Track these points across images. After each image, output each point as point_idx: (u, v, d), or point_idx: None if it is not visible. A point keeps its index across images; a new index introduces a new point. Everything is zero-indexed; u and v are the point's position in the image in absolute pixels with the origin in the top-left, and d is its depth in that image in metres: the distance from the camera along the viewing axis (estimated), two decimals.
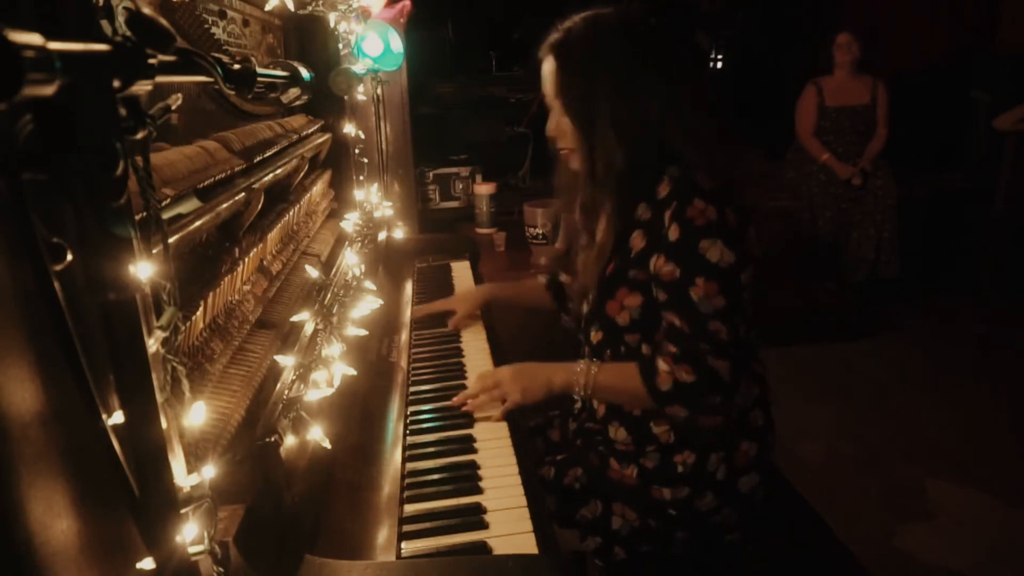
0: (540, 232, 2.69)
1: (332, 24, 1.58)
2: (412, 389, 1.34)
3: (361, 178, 1.74)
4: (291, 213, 1.26)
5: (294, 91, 1.18)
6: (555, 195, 1.41)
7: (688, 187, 1.12)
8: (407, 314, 1.69)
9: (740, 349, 1.11)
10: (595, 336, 1.28)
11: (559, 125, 1.23)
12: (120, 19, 0.49)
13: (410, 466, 1.09)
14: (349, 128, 1.67)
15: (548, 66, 1.21)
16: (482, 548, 0.91)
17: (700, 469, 1.20)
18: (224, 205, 0.86)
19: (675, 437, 1.20)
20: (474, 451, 1.14)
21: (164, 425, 0.51)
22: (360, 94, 1.73)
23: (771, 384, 1.30)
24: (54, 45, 0.35)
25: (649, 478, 1.21)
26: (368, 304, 1.42)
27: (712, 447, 1.20)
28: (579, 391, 1.23)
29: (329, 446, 0.96)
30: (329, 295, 1.24)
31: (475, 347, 1.54)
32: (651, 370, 1.14)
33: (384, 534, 0.91)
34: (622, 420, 1.25)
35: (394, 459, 1.08)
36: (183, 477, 0.55)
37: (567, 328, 1.48)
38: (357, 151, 1.73)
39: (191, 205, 0.76)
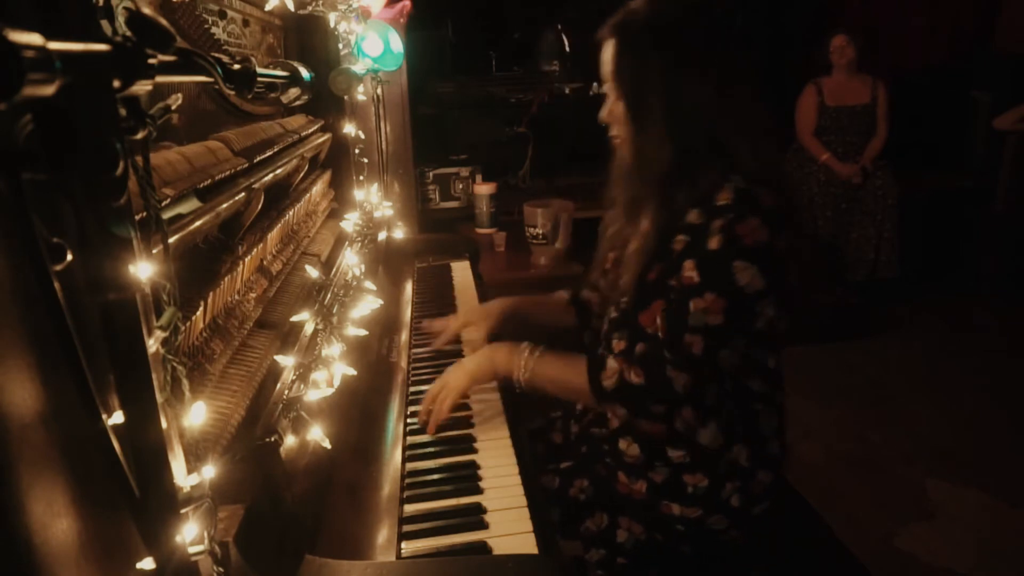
0: (540, 232, 2.69)
1: (332, 24, 1.58)
2: (412, 389, 1.34)
3: (361, 178, 1.74)
4: (291, 213, 1.26)
5: (294, 91, 1.18)
6: (609, 190, 1.35)
7: (750, 202, 1.06)
8: (407, 314, 1.69)
9: (713, 367, 1.07)
10: (617, 344, 1.22)
11: (613, 111, 1.18)
12: (120, 19, 0.49)
13: (410, 466, 1.09)
14: (349, 128, 1.67)
15: (607, 48, 1.16)
16: (482, 548, 0.91)
17: (713, 495, 1.17)
18: (224, 205, 0.86)
19: (689, 460, 1.17)
20: (474, 451, 1.14)
21: (164, 425, 0.51)
22: (360, 94, 1.73)
23: None
24: (54, 45, 0.35)
25: (658, 492, 1.19)
26: (368, 304, 1.42)
27: (728, 476, 1.16)
28: (518, 375, 1.20)
29: (329, 446, 0.96)
30: (329, 295, 1.24)
31: (475, 346, 1.53)
32: (599, 366, 1.12)
33: (384, 534, 0.91)
34: (636, 437, 1.21)
35: (394, 459, 1.08)
36: (183, 477, 0.55)
37: (585, 345, 1.42)
38: (357, 151, 1.73)
39: (191, 205, 0.76)
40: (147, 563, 0.51)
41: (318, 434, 0.95)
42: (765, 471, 1.19)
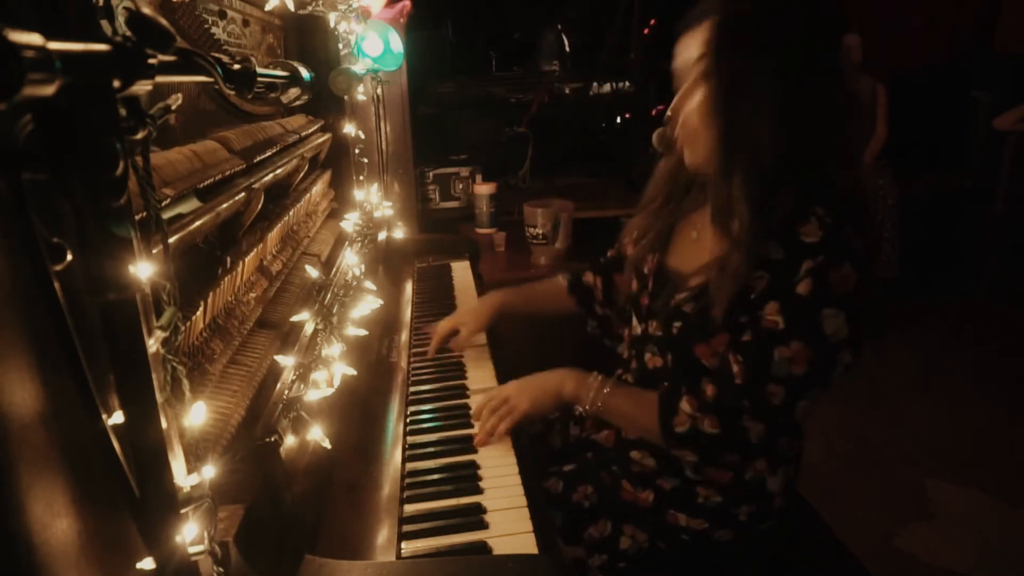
0: (540, 232, 2.69)
1: (332, 24, 1.58)
2: (412, 389, 1.34)
3: (361, 178, 1.74)
4: (291, 213, 1.26)
5: (294, 91, 1.18)
6: (645, 190, 1.25)
7: (842, 244, 0.97)
8: (407, 314, 1.69)
9: (791, 417, 1.02)
10: (652, 360, 1.19)
11: (683, 104, 1.05)
12: (120, 19, 0.49)
13: (410, 466, 1.09)
14: (349, 128, 1.67)
15: (702, 31, 1.02)
16: (482, 548, 0.91)
17: (724, 511, 1.15)
18: (224, 205, 0.86)
19: (704, 475, 1.15)
20: (474, 451, 1.14)
21: (164, 425, 0.51)
22: (360, 94, 1.73)
23: None
24: (54, 45, 0.35)
25: (666, 501, 1.17)
26: (368, 304, 1.42)
27: (744, 499, 1.15)
28: (586, 406, 1.16)
29: (329, 446, 0.96)
30: (329, 295, 1.24)
31: (464, 345, 1.53)
32: (671, 409, 1.06)
33: (384, 534, 0.91)
34: (652, 449, 1.19)
35: (394, 459, 1.08)
36: (183, 477, 0.55)
37: (593, 335, 1.40)
38: (357, 151, 1.73)
39: (191, 205, 0.76)
40: (147, 563, 0.51)
41: (318, 434, 0.95)
42: (782, 497, 1.18)
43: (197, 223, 0.77)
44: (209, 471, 0.60)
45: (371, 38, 1.72)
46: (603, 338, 1.36)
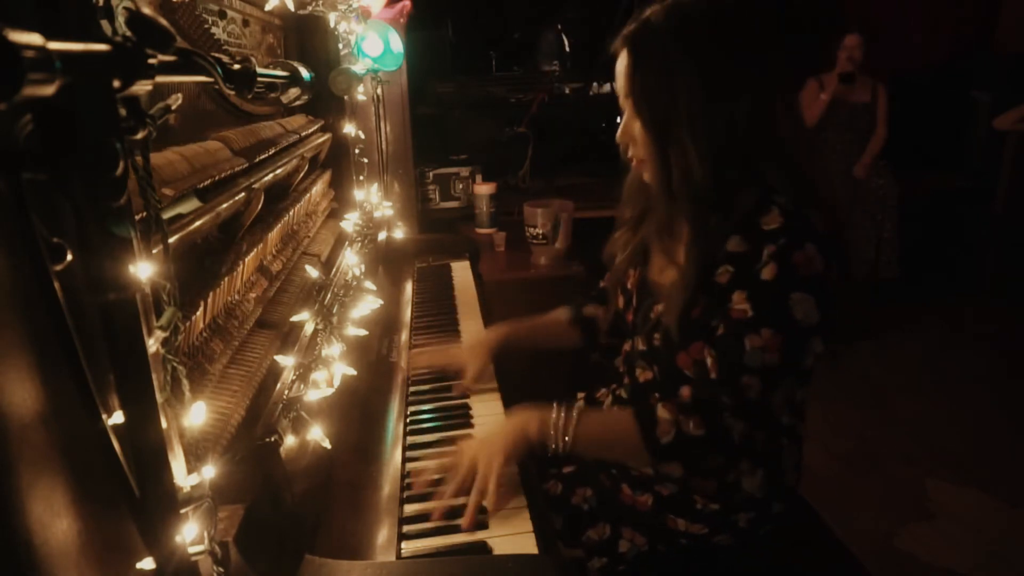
0: (540, 232, 2.69)
1: (332, 24, 1.58)
2: (412, 389, 1.34)
3: (361, 178, 1.74)
4: (291, 213, 1.26)
5: (294, 91, 1.18)
6: (620, 206, 1.26)
7: (803, 227, 0.97)
8: (407, 314, 1.69)
9: (767, 412, 1.00)
10: (643, 375, 1.17)
11: (628, 129, 1.08)
12: (120, 19, 0.49)
13: (410, 466, 1.09)
14: (349, 128, 1.67)
15: (621, 61, 1.06)
16: (482, 548, 0.91)
17: (723, 518, 1.14)
18: (224, 205, 0.86)
19: (702, 483, 1.14)
20: None
21: (164, 425, 0.51)
22: (360, 94, 1.73)
23: None
24: (54, 45, 0.35)
25: (665, 506, 1.16)
26: (368, 304, 1.42)
27: (742, 507, 1.13)
28: (558, 443, 1.06)
29: (329, 446, 0.96)
30: (329, 295, 1.24)
31: (466, 384, 1.51)
32: (651, 421, 1.01)
33: (384, 534, 0.91)
34: None
35: (394, 459, 1.08)
36: (183, 477, 0.55)
37: (597, 364, 1.37)
38: (357, 151, 1.73)
39: (191, 205, 0.76)
40: (147, 563, 0.51)
41: (318, 434, 0.95)
42: (779, 503, 1.17)
43: (197, 223, 0.77)
44: (209, 471, 0.60)
45: (371, 38, 1.72)
46: (604, 360, 1.34)
